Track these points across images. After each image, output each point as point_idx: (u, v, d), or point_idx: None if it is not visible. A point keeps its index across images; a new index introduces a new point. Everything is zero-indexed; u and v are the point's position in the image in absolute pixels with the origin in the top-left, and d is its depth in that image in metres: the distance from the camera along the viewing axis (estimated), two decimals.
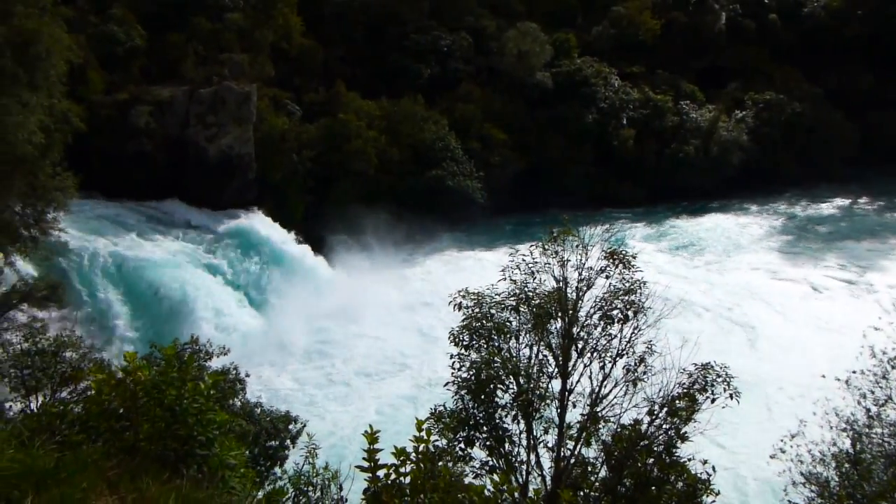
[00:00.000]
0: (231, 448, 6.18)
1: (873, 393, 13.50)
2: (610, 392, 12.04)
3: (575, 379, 12.13)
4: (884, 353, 13.90)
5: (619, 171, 55.05)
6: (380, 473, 5.71)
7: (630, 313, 12.09)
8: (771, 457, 13.86)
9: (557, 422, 12.00)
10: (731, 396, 11.52)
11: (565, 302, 12.16)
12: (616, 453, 11.36)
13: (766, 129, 58.58)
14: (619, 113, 56.65)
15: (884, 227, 51.49)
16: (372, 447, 5.73)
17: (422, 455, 5.80)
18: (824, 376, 15.03)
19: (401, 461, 5.74)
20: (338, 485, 8.55)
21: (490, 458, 12.00)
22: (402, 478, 5.72)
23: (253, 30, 46.75)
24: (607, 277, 12.37)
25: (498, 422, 11.97)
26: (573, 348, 12.16)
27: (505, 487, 6.27)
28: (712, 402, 11.54)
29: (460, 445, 11.85)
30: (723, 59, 63.81)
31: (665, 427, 11.47)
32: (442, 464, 8.16)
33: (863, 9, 63.93)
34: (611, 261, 12.39)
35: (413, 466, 5.74)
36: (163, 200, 40.30)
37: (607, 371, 12.09)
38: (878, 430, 13.12)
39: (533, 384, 11.96)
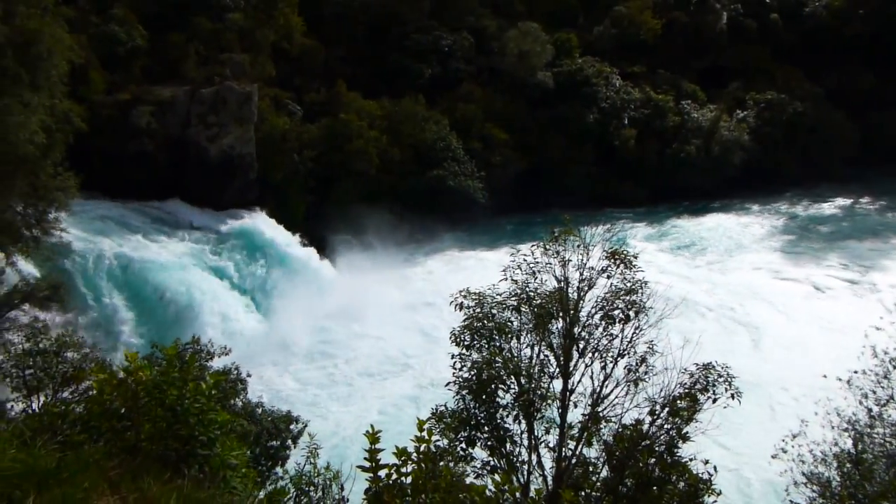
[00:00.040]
0: (232, 448, 6.19)
1: (875, 393, 13.49)
2: (611, 392, 12.03)
3: (576, 379, 12.12)
4: (885, 352, 13.88)
5: (620, 170, 55.04)
6: (381, 473, 5.71)
7: (631, 313, 12.09)
8: (773, 457, 13.85)
9: (559, 422, 11.99)
10: (732, 396, 11.51)
11: (567, 302, 12.15)
12: (617, 453, 11.34)
13: (768, 128, 58.55)
14: (621, 113, 56.62)
15: (885, 226, 51.39)
16: (373, 447, 5.73)
17: (423, 455, 5.80)
18: (825, 376, 15.02)
19: (402, 461, 5.74)
20: (339, 485, 8.56)
21: (491, 458, 11.99)
22: (403, 478, 5.72)
23: (254, 30, 46.76)
24: (608, 277, 12.36)
25: (499, 422, 11.96)
26: (574, 348, 12.15)
27: (506, 487, 6.27)
28: (714, 402, 11.53)
29: (461, 445, 11.83)
30: (724, 59, 63.78)
31: (666, 427, 11.45)
32: (443, 464, 8.15)
33: (864, 8, 63.90)
34: (612, 261, 12.38)
35: (414, 466, 5.74)
36: (165, 201, 40.22)
37: (609, 371, 12.07)
38: (879, 430, 13.10)
39: (534, 384, 11.95)
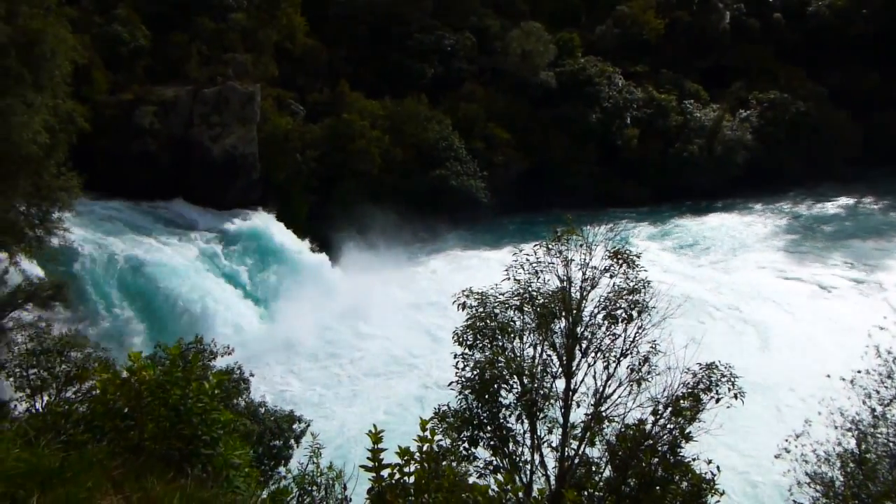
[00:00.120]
0: (235, 447, 6.19)
1: (878, 392, 13.47)
2: (614, 392, 12.02)
3: (579, 378, 12.11)
4: (889, 352, 13.86)
5: (622, 170, 54.97)
6: (384, 473, 5.71)
7: (634, 313, 12.07)
8: (776, 457, 13.84)
9: (561, 421, 11.98)
10: (735, 396, 11.48)
11: (569, 301, 12.14)
12: (620, 453, 11.33)
13: (771, 128, 58.42)
14: (623, 112, 56.56)
15: (889, 226, 51.25)
16: (376, 447, 5.73)
17: (426, 455, 5.80)
18: (829, 376, 14.99)
19: (405, 461, 5.73)
20: (342, 484, 8.56)
21: (494, 457, 11.98)
22: (406, 477, 5.71)
23: (257, 30, 46.78)
24: (611, 277, 12.35)
25: (502, 421, 11.96)
26: (577, 348, 12.14)
27: (509, 487, 6.26)
28: (717, 401, 11.51)
29: (464, 445, 11.84)
30: (727, 59, 63.65)
31: (669, 427, 11.44)
32: (446, 463, 8.15)
33: (868, 8, 63.72)
34: (615, 260, 12.38)
35: (417, 466, 5.74)
36: (169, 200, 40.22)
37: (611, 371, 12.06)
38: (883, 430, 13.07)
39: (537, 384, 11.94)
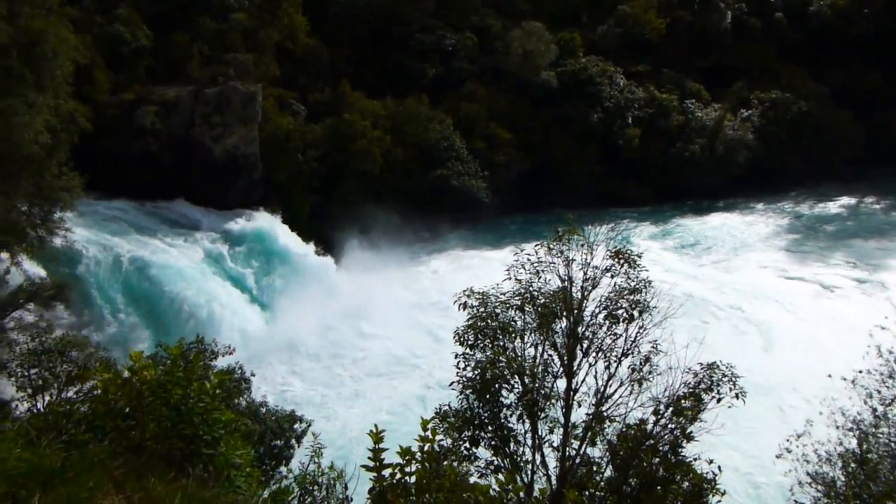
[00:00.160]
0: (237, 447, 6.20)
1: (880, 392, 13.46)
2: (615, 391, 12.01)
3: (580, 378, 12.10)
4: (890, 352, 13.85)
5: (624, 170, 54.93)
6: (385, 473, 5.71)
7: (635, 313, 12.07)
8: (777, 456, 13.83)
9: (562, 421, 11.97)
10: (737, 396, 11.48)
11: (570, 301, 12.13)
12: (621, 453, 11.32)
13: (772, 128, 58.35)
14: (625, 112, 56.51)
15: (891, 225, 51.16)
16: (377, 447, 5.73)
17: (427, 454, 5.80)
18: (830, 376, 14.98)
19: (406, 461, 5.74)
20: (343, 484, 8.56)
21: (495, 457, 11.97)
22: (407, 477, 5.72)
23: (258, 30, 46.80)
24: (612, 277, 12.34)
25: (503, 421, 11.95)
26: (578, 348, 12.13)
27: (510, 487, 6.26)
28: (718, 401, 11.50)
29: (465, 445, 11.83)
30: (728, 58, 63.56)
31: (671, 427, 11.43)
32: (447, 463, 8.15)
33: (869, 7, 63.64)
34: (616, 260, 12.37)
35: (418, 466, 5.74)
36: (171, 201, 40.20)
37: (613, 370, 12.06)
38: (884, 430, 13.07)
39: (538, 384, 11.94)
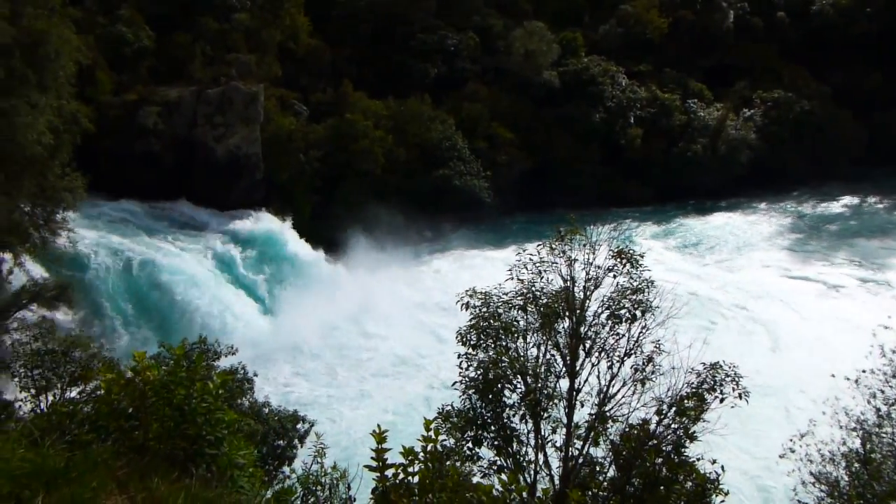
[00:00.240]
0: (240, 447, 6.19)
1: (883, 392, 13.43)
2: (618, 391, 12.01)
3: (583, 378, 12.10)
4: (894, 351, 13.82)
5: (626, 170, 54.86)
6: (388, 473, 5.71)
7: (638, 312, 12.06)
8: (780, 456, 13.81)
9: (565, 421, 11.97)
10: (740, 396, 11.47)
11: (573, 301, 12.12)
12: (624, 453, 11.31)
13: (775, 127, 58.27)
14: (627, 112, 56.44)
15: (894, 224, 51.06)
16: (380, 447, 5.73)
17: (430, 454, 5.80)
18: (833, 375, 14.96)
19: (409, 461, 5.73)
20: (346, 484, 8.56)
21: (498, 457, 11.97)
22: (410, 477, 5.72)
23: (260, 30, 46.84)
24: (615, 276, 12.33)
25: (506, 421, 11.95)
26: (581, 347, 12.12)
27: (513, 487, 6.26)
28: (721, 401, 11.48)
29: (468, 445, 11.83)
30: (731, 58, 63.45)
31: (674, 427, 11.42)
32: (450, 463, 8.16)
33: (871, 7, 63.51)
34: (618, 260, 12.36)
35: (421, 466, 5.74)
36: (174, 201, 40.22)
37: (615, 370, 12.05)
38: (888, 430, 13.04)
39: (541, 384, 11.93)
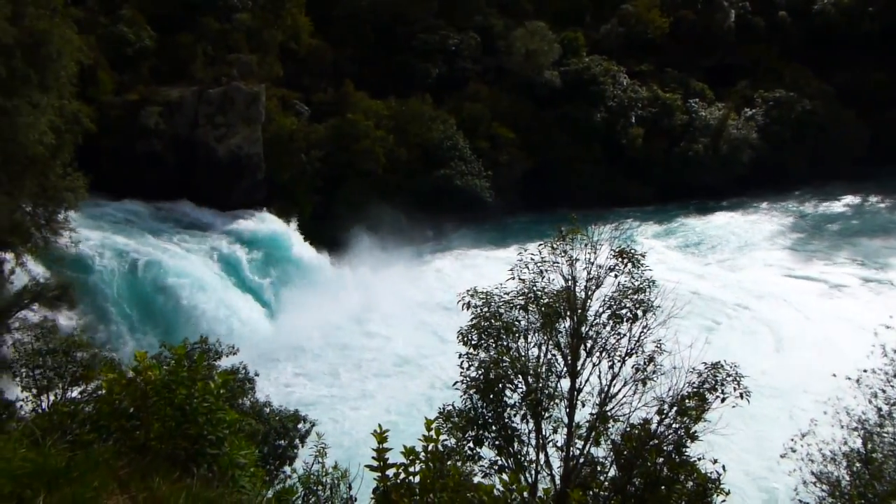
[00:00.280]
0: (241, 447, 6.20)
1: (885, 392, 13.42)
2: (619, 391, 12.00)
3: (584, 378, 12.09)
4: (895, 351, 13.81)
5: (627, 169, 54.87)
6: (389, 473, 5.71)
7: (639, 312, 12.05)
8: (781, 456, 13.81)
9: (566, 421, 11.97)
10: (741, 396, 11.46)
11: (574, 301, 12.12)
12: (625, 452, 11.31)
13: (776, 127, 58.22)
14: (628, 111, 56.43)
15: None
16: (381, 446, 5.73)
17: (431, 454, 5.80)
18: (835, 375, 14.95)
19: (410, 460, 5.74)
20: (347, 484, 8.57)
21: (499, 457, 11.97)
22: (411, 477, 5.72)
23: (261, 30, 46.85)
24: (616, 276, 12.32)
25: (507, 421, 11.95)
26: (582, 347, 12.12)
27: (514, 487, 6.26)
28: (722, 401, 11.48)
29: (469, 445, 11.83)
30: (732, 57, 63.42)
31: (675, 426, 11.42)
32: (451, 463, 8.16)
33: (874, 6, 63.45)
34: (620, 259, 12.35)
35: (422, 466, 5.74)
36: (175, 201, 40.20)
37: (616, 370, 12.04)
38: (889, 429, 13.04)
39: (542, 383, 11.93)
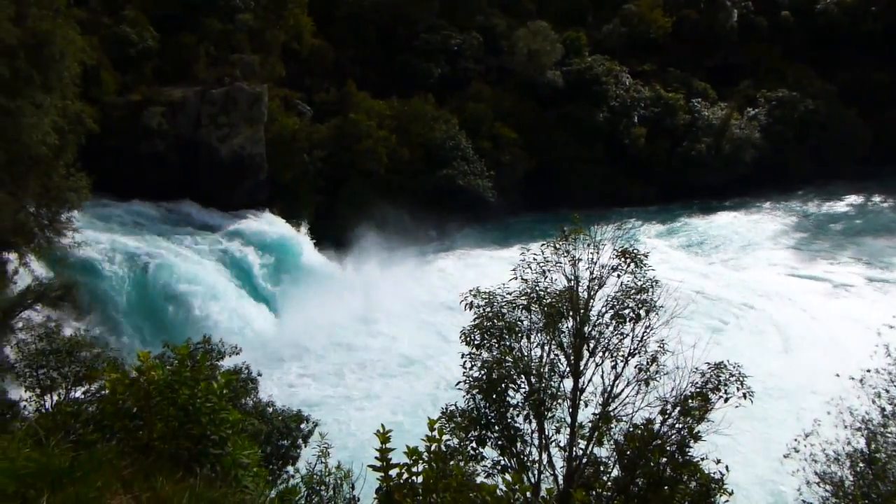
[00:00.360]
0: (244, 447, 6.20)
1: (888, 392, 13.39)
2: (622, 391, 11.99)
3: (587, 378, 12.08)
4: None
5: (630, 169, 54.82)
6: (392, 473, 5.71)
7: (642, 312, 12.03)
8: (785, 456, 13.78)
9: (569, 421, 11.96)
10: (744, 396, 11.44)
11: (577, 301, 12.11)
12: (628, 452, 11.30)
13: (779, 126, 58.15)
14: (631, 111, 56.39)
15: None
16: (384, 446, 5.73)
17: (434, 454, 5.80)
18: (838, 375, 14.92)
19: (413, 460, 5.74)
20: (350, 484, 8.58)
21: (502, 457, 11.97)
22: (414, 477, 5.72)
23: (264, 30, 46.88)
24: (619, 276, 12.31)
25: (510, 421, 11.94)
26: (585, 347, 12.11)
27: (517, 487, 6.25)
28: (725, 401, 11.47)
29: (472, 445, 11.83)
30: (735, 57, 63.36)
31: (678, 426, 11.40)
32: (454, 463, 8.16)
33: (876, 5, 63.35)
34: (622, 259, 12.34)
35: (425, 466, 5.74)
36: (178, 201, 40.25)
37: (619, 370, 12.03)
38: (893, 429, 13.00)
39: (544, 383, 11.92)
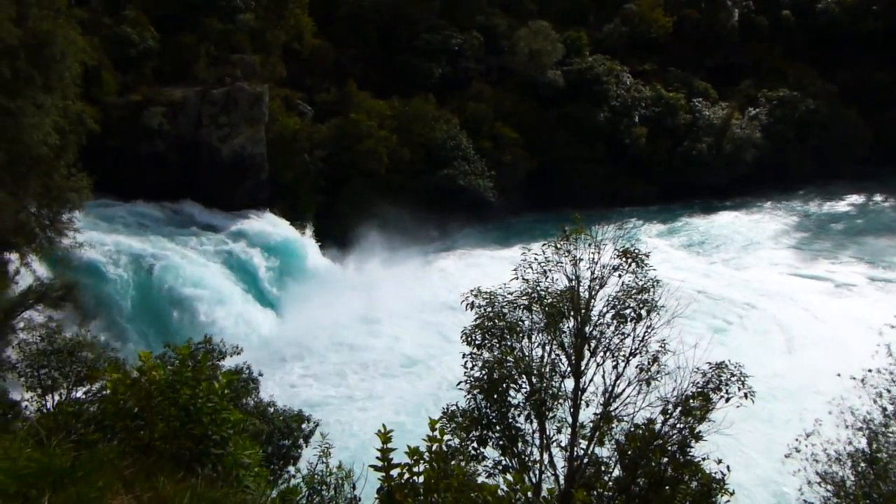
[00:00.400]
0: (245, 447, 6.21)
1: (889, 391, 13.38)
2: (623, 391, 11.99)
3: (588, 378, 12.08)
4: None
5: (631, 169, 54.82)
6: (393, 473, 5.71)
7: (643, 312, 12.03)
8: (786, 456, 13.77)
9: (570, 421, 11.96)
10: (745, 396, 11.44)
11: (578, 301, 12.11)
12: (630, 452, 11.30)
13: (780, 126, 58.14)
14: (631, 111, 56.39)
15: None
16: (385, 446, 5.73)
17: (435, 454, 5.80)
18: (839, 375, 14.90)
19: (414, 460, 5.74)
20: (351, 484, 8.58)
21: (503, 457, 11.96)
22: (415, 477, 5.72)
23: (265, 30, 46.91)
24: (620, 276, 12.31)
25: (511, 421, 11.94)
26: (586, 347, 12.11)
27: (518, 487, 6.25)
28: (726, 401, 11.46)
29: (473, 445, 11.83)
30: (736, 57, 63.36)
31: (679, 426, 11.40)
32: (455, 463, 8.16)
33: (878, 5, 63.31)
34: (624, 259, 12.34)
35: (426, 466, 5.74)
36: (178, 202, 40.31)
37: (620, 370, 12.03)
38: (894, 429, 12.99)
39: (545, 383, 11.92)
